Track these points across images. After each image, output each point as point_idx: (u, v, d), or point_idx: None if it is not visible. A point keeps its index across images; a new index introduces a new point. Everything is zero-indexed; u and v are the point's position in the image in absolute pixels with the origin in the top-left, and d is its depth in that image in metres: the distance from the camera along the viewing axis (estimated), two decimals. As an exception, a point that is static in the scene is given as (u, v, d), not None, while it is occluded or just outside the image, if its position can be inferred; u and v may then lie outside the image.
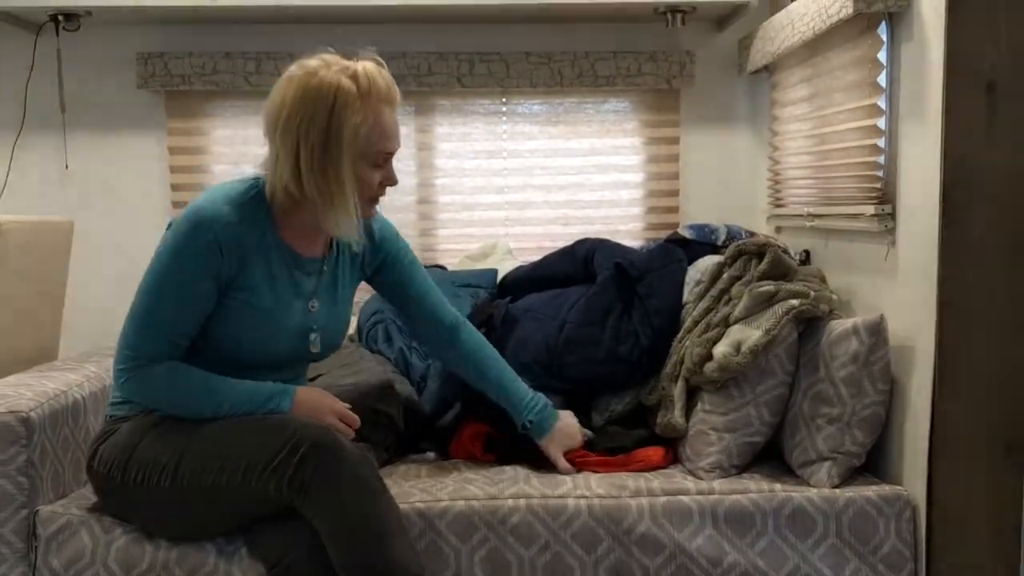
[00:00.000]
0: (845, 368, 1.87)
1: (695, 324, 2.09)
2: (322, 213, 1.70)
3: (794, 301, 1.95)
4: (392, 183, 1.77)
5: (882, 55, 2.00)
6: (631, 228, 2.94)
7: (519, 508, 1.81)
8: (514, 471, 1.95)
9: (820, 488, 1.86)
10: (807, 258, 2.40)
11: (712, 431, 1.96)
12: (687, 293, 2.19)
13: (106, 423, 1.80)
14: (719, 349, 1.97)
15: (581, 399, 2.15)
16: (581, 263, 2.38)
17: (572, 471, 1.95)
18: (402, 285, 1.96)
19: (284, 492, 1.58)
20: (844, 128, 2.18)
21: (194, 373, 1.70)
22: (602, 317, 2.17)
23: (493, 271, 2.57)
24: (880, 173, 2.02)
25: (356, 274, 1.92)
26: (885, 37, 1.99)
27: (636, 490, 1.85)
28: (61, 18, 2.65)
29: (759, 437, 1.96)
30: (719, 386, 1.97)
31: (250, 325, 1.72)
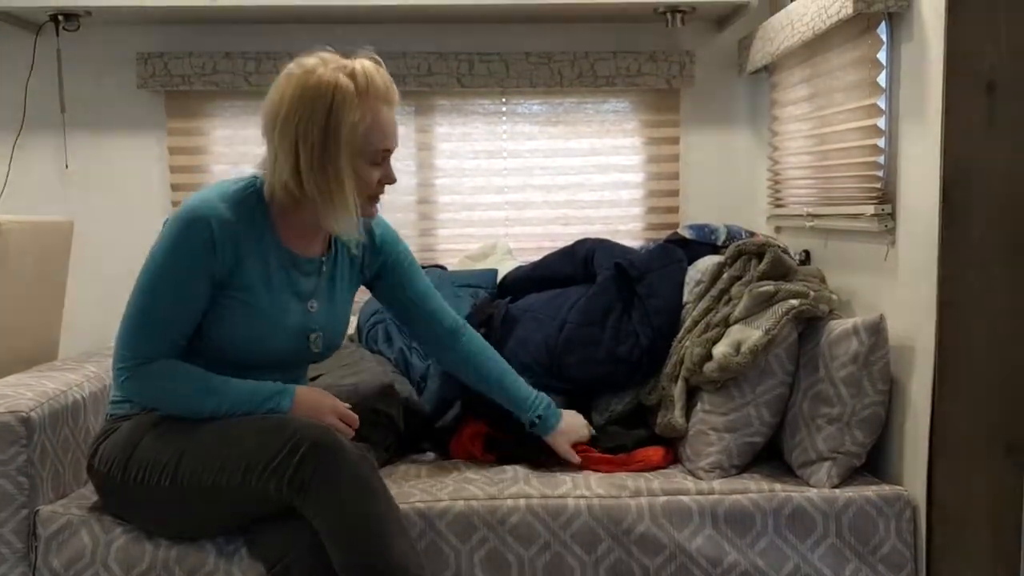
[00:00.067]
0: (845, 368, 1.87)
1: (695, 324, 2.09)
2: (322, 211, 1.70)
3: (794, 301, 1.95)
4: (391, 181, 1.77)
5: (882, 55, 2.00)
6: (631, 228, 2.94)
7: (519, 508, 1.81)
8: (514, 471, 1.95)
9: (820, 488, 1.86)
10: (807, 258, 2.40)
11: (712, 431, 1.96)
12: (687, 293, 2.19)
13: (107, 422, 1.80)
14: (719, 349, 1.97)
15: (581, 399, 2.15)
16: (581, 263, 2.38)
17: (581, 462, 1.96)
18: (402, 289, 1.96)
19: (284, 492, 1.58)
20: (844, 128, 2.18)
21: (194, 372, 1.69)
22: (602, 317, 2.16)
23: (493, 271, 2.57)
24: (880, 173, 2.02)
25: (355, 277, 1.92)
26: (885, 37, 1.98)
27: (636, 490, 1.85)
28: (61, 18, 2.65)
29: (759, 437, 1.96)
30: (719, 386, 1.97)
31: (246, 325, 1.71)
